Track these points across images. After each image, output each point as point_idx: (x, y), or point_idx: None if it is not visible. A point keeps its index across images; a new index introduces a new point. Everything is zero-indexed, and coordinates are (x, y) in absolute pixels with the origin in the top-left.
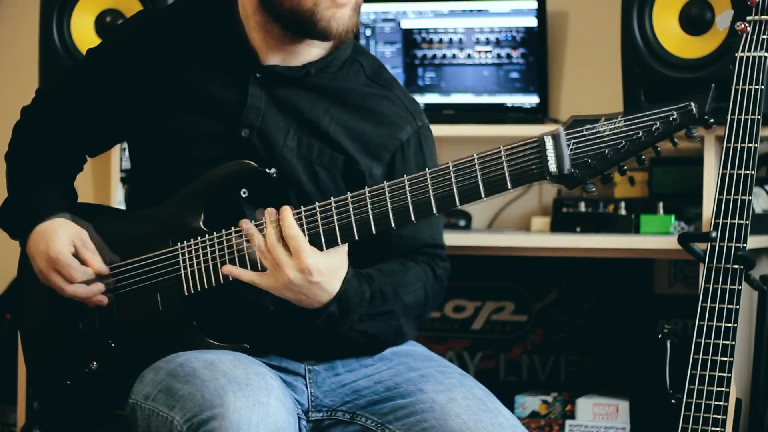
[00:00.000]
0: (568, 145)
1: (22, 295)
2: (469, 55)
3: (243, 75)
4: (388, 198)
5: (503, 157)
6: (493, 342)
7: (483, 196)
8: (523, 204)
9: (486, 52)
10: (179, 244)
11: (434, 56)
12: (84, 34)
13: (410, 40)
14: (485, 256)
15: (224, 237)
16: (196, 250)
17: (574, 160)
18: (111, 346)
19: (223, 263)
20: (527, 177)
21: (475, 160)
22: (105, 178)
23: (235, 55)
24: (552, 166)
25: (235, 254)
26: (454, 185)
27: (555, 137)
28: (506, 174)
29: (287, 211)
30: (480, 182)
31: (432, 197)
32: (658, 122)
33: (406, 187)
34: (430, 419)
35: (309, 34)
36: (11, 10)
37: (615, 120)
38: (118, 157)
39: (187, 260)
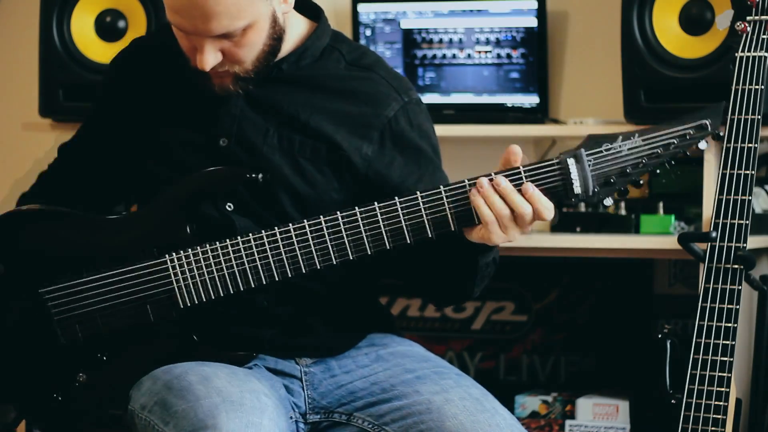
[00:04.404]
0: (589, 163)
1: None
2: (469, 55)
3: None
4: (401, 212)
5: (524, 178)
6: (493, 342)
7: None
8: None
9: (486, 52)
10: (167, 255)
11: (434, 56)
12: (84, 34)
13: (410, 40)
14: None
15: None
16: (189, 263)
17: (596, 180)
18: (102, 359)
19: (222, 276)
20: (550, 196)
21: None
22: None
23: None
24: (577, 188)
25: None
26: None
27: (578, 159)
28: None
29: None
30: None
31: (449, 214)
32: (675, 139)
33: (420, 202)
34: (427, 421)
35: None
36: (11, 10)
37: (632, 138)
38: None
39: (179, 273)
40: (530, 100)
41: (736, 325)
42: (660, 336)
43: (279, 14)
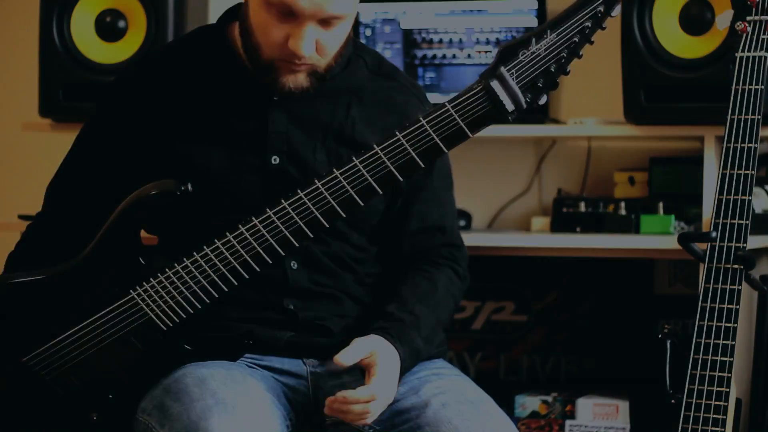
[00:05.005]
0: (512, 77)
1: None
2: (469, 55)
3: (260, 101)
4: (346, 183)
5: (453, 114)
6: (493, 342)
7: (445, 150)
8: (523, 204)
9: (486, 52)
10: (131, 291)
11: (434, 56)
12: (84, 34)
13: (410, 40)
14: (485, 256)
15: (186, 265)
16: (156, 291)
17: (525, 89)
18: (109, 398)
19: (194, 292)
20: (485, 122)
21: (424, 123)
22: None
23: (247, 84)
24: (509, 106)
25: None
26: (411, 152)
27: (500, 78)
28: (462, 126)
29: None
30: (437, 140)
31: (393, 169)
32: (588, 22)
33: (360, 168)
34: (424, 426)
35: (260, 77)
36: (11, 10)
37: (545, 36)
38: None
39: (151, 303)
40: None
41: (736, 325)
42: (660, 336)
43: None
